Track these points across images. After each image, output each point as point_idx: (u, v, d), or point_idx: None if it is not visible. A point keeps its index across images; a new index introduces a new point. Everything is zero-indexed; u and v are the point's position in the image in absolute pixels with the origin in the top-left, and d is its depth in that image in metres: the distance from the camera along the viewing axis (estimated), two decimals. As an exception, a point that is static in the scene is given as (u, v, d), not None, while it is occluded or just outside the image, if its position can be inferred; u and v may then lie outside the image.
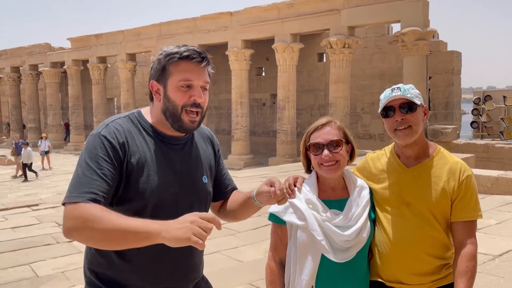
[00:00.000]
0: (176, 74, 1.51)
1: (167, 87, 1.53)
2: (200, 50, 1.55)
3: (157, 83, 1.56)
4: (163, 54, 1.54)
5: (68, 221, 1.34)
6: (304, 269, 1.71)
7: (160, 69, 1.54)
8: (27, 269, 4.52)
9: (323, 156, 1.72)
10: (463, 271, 1.67)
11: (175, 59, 1.51)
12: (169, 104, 1.53)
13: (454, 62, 16.32)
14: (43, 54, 25.62)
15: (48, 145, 18.10)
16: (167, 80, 1.53)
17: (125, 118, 1.58)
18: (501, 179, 7.52)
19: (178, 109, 1.52)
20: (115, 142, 1.47)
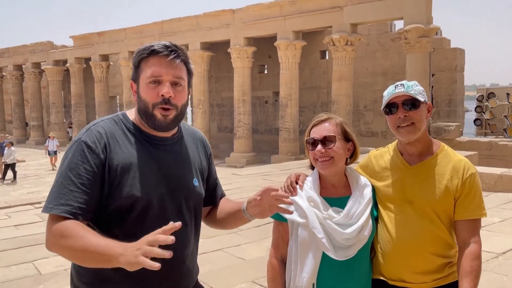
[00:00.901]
0: (145, 71, 1.48)
1: (139, 85, 1.51)
2: (171, 44, 1.50)
3: (133, 82, 1.53)
4: (135, 52, 1.52)
5: (47, 234, 1.38)
6: (305, 266, 1.70)
7: (134, 67, 1.52)
8: (30, 266, 4.53)
9: (316, 151, 1.72)
10: (467, 270, 1.65)
11: (144, 55, 1.48)
12: (141, 102, 1.50)
13: (457, 59, 16.25)
14: (46, 52, 25.66)
15: (57, 145, 17.60)
16: (139, 78, 1.51)
17: (109, 120, 1.55)
18: (505, 177, 7.49)
19: (149, 107, 1.48)
20: (95, 146, 1.44)
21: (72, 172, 1.40)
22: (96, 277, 1.49)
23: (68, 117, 27.40)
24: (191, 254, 1.65)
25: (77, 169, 1.40)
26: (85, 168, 1.40)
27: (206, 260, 4.52)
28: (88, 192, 1.40)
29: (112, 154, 1.45)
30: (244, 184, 8.85)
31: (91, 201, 1.41)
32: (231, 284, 3.93)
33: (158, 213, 1.48)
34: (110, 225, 1.46)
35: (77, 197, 1.37)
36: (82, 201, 1.38)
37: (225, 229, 1.81)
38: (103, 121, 1.53)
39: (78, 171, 1.40)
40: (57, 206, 1.36)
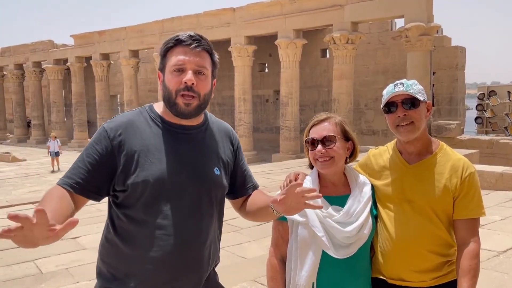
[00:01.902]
0: (170, 60, 1.55)
1: (164, 74, 1.57)
2: (195, 34, 1.57)
3: (160, 72, 1.60)
4: (163, 43, 1.60)
5: None
6: (305, 265, 1.70)
7: (161, 57, 1.59)
8: (31, 265, 4.54)
9: (316, 152, 1.72)
10: (466, 269, 1.65)
11: (170, 45, 1.56)
12: (166, 90, 1.56)
13: (458, 57, 16.22)
14: (46, 51, 25.66)
15: (59, 146, 17.12)
16: (165, 67, 1.57)
17: (135, 110, 1.64)
18: (506, 175, 7.49)
19: (172, 94, 1.54)
20: (111, 132, 1.53)
21: (85, 151, 1.53)
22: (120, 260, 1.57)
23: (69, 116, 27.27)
24: (210, 243, 1.64)
25: (89, 150, 1.53)
26: (96, 149, 1.52)
27: (207, 259, 4.52)
28: (92, 170, 1.50)
29: (129, 140, 1.53)
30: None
31: (94, 180, 1.50)
32: (232, 283, 3.93)
33: (175, 199, 1.53)
34: (128, 207, 1.54)
35: (81, 173, 1.49)
36: (83, 177, 1.49)
37: (257, 221, 1.87)
38: (128, 112, 1.64)
39: (90, 151, 1.52)
40: (63, 179, 1.50)
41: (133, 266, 1.54)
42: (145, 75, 24.65)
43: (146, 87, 24.65)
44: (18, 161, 18.25)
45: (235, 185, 1.77)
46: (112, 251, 1.58)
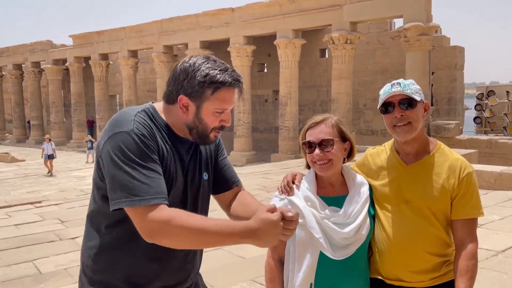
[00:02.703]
0: (214, 102, 1.51)
1: (201, 108, 1.52)
2: (237, 74, 1.55)
3: (188, 99, 1.51)
4: (206, 79, 1.49)
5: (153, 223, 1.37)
6: (302, 266, 1.70)
7: (199, 91, 1.50)
8: (30, 266, 4.54)
9: (314, 155, 1.72)
10: (463, 270, 1.65)
11: (218, 89, 1.50)
12: (200, 124, 1.54)
13: (457, 57, 16.25)
14: (45, 51, 25.65)
15: (53, 148, 16.30)
16: (203, 103, 1.52)
17: (143, 113, 1.54)
18: (504, 175, 7.49)
19: (208, 130, 1.56)
20: (150, 138, 1.47)
21: (146, 161, 1.42)
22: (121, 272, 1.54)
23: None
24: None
25: (146, 158, 1.42)
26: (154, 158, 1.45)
27: (206, 259, 4.49)
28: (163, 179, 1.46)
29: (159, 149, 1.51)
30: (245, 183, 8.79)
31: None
32: (231, 283, 3.94)
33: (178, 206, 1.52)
34: None
35: (163, 185, 1.43)
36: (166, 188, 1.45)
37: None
38: (139, 113, 1.53)
39: (151, 160, 1.43)
40: (154, 196, 1.38)
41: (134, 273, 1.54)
42: (144, 75, 24.65)
43: (145, 87, 24.65)
44: (17, 161, 18.26)
45: (219, 179, 1.77)
46: (110, 259, 1.54)
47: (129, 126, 1.45)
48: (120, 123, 1.47)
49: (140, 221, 1.39)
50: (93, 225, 1.58)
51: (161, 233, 1.37)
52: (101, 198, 1.52)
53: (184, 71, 1.51)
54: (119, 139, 1.43)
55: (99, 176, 1.50)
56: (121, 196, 1.38)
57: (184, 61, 1.55)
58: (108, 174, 1.42)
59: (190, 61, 1.53)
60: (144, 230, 1.39)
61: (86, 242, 1.61)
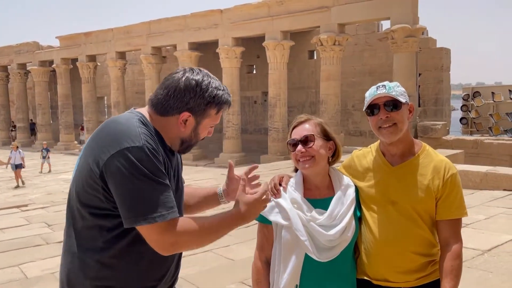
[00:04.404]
0: (214, 119, 1.60)
1: (200, 124, 1.58)
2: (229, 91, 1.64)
3: (190, 115, 1.53)
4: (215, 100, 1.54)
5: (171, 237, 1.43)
6: (288, 268, 1.71)
7: (205, 109, 1.55)
8: (16, 270, 4.48)
9: (296, 152, 1.75)
10: (448, 270, 1.68)
11: (222, 109, 1.59)
12: (195, 138, 1.61)
13: (443, 58, 16.45)
14: (32, 53, 25.34)
15: (22, 157, 14.60)
16: (204, 119, 1.57)
17: (139, 122, 1.50)
18: (490, 175, 7.59)
19: (197, 142, 1.65)
20: (158, 151, 1.47)
21: (159, 176, 1.43)
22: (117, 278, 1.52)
23: (55, 119, 26.88)
24: None
25: (160, 173, 1.44)
26: (164, 173, 1.47)
27: (195, 261, 4.51)
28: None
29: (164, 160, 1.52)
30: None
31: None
32: (220, 285, 3.93)
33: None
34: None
35: (173, 197, 1.47)
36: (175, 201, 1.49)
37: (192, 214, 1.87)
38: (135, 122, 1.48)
39: (162, 174, 1.45)
40: (171, 211, 1.42)
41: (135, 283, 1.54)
42: (132, 76, 24.49)
43: (133, 88, 24.49)
44: (2, 164, 17.96)
45: None
46: (111, 274, 1.50)
47: (140, 140, 1.41)
48: (127, 136, 1.42)
49: (158, 237, 1.42)
50: (85, 240, 1.50)
51: (179, 244, 1.46)
52: (90, 214, 1.47)
53: (191, 89, 1.51)
54: (132, 154, 1.38)
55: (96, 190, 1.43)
56: (137, 213, 1.38)
57: (187, 77, 1.51)
58: (120, 190, 1.39)
59: (196, 78, 1.51)
60: (162, 245, 1.43)
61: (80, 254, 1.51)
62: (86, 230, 1.49)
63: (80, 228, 1.50)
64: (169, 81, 1.53)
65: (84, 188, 1.45)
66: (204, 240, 1.52)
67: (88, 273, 1.49)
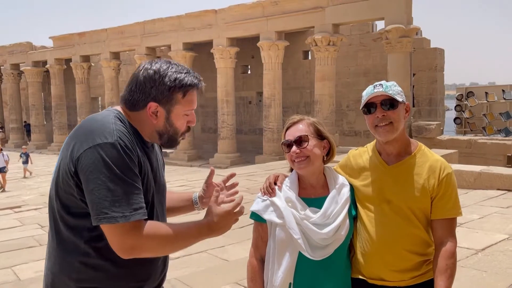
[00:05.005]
0: (185, 104, 1.53)
1: (171, 113, 1.53)
2: (197, 74, 1.57)
3: (158, 105, 1.51)
4: (176, 83, 1.49)
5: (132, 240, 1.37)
6: (281, 266, 1.72)
7: (169, 95, 1.50)
8: (9, 272, 4.44)
9: (291, 153, 1.76)
10: (442, 269, 1.68)
11: (188, 92, 1.52)
12: (171, 129, 1.55)
13: (437, 59, 16.53)
14: (25, 53, 25.17)
15: (6, 160, 14.02)
16: (173, 107, 1.52)
17: (115, 119, 1.49)
18: (484, 174, 7.63)
19: (179, 135, 1.58)
20: (132, 148, 1.45)
21: (128, 175, 1.39)
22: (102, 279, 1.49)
23: (49, 119, 26.77)
24: None
25: (131, 172, 1.40)
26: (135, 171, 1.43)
27: (190, 262, 4.49)
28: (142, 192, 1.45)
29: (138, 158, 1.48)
30: (228, 185, 8.80)
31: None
32: (214, 286, 3.92)
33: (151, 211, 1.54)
34: None
35: (142, 198, 1.42)
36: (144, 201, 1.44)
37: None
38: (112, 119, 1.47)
39: (133, 174, 1.41)
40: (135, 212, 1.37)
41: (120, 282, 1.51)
42: (126, 77, 24.36)
43: (127, 89, 24.38)
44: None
45: None
46: (95, 275, 1.48)
47: (113, 137, 1.39)
48: (101, 133, 1.40)
49: (119, 239, 1.37)
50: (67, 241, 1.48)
51: (140, 248, 1.39)
52: (69, 214, 1.46)
53: (150, 79, 1.49)
54: (103, 150, 1.37)
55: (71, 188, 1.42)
56: (100, 212, 1.35)
57: (146, 68, 1.52)
58: (88, 187, 1.36)
59: (154, 67, 1.51)
60: (122, 247, 1.38)
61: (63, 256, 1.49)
62: (67, 231, 1.47)
63: (62, 229, 1.49)
64: (132, 77, 1.55)
65: (62, 187, 1.45)
66: (168, 248, 1.47)
67: (72, 275, 1.47)
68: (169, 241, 1.44)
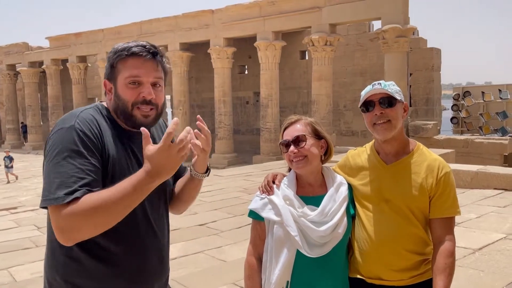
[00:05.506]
0: (124, 71, 1.49)
1: (116, 85, 1.51)
2: (149, 45, 1.51)
3: (108, 81, 1.53)
4: (112, 52, 1.51)
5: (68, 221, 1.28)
6: (279, 264, 1.73)
7: (109, 67, 1.52)
8: (5, 274, 4.41)
9: (289, 152, 1.76)
10: (441, 268, 1.68)
11: (122, 56, 1.48)
12: (119, 102, 1.50)
13: (434, 58, 16.56)
14: (21, 54, 25.09)
15: None
16: (117, 78, 1.51)
17: (92, 109, 1.53)
18: (480, 174, 7.65)
19: (128, 107, 1.49)
20: (91, 134, 1.42)
21: (76, 159, 1.33)
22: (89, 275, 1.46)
23: (45, 120, 26.74)
24: (167, 243, 1.69)
25: (80, 157, 1.34)
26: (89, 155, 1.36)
27: (187, 263, 4.48)
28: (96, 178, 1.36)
29: (105, 145, 1.44)
30: (226, 185, 8.81)
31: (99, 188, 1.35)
32: (212, 287, 3.90)
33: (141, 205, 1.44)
34: None
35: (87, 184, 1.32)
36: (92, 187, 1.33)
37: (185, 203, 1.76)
38: (87, 109, 1.50)
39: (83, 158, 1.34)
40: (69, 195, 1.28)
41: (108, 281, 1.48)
42: (123, 77, 24.30)
43: (124, 89, 24.32)
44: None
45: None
46: (80, 269, 1.46)
47: (71, 122, 1.41)
48: (64, 121, 1.44)
49: (54, 222, 1.31)
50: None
51: (71, 228, 1.29)
52: None
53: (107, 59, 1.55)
54: (57, 134, 1.39)
55: None
56: (42, 195, 1.33)
57: None
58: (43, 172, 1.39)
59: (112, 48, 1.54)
60: (56, 231, 1.31)
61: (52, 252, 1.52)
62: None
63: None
64: None
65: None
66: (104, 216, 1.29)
67: (59, 269, 1.49)
68: (101, 208, 1.27)
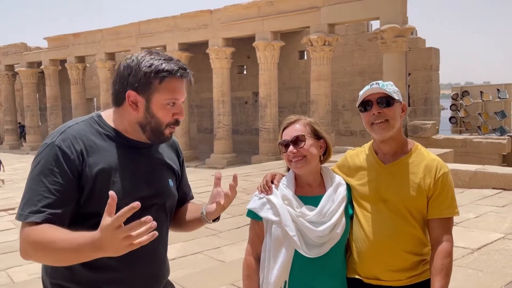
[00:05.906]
0: (163, 92, 1.45)
1: (150, 102, 1.47)
2: (184, 64, 1.50)
3: (136, 94, 1.46)
4: (151, 68, 1.44)
5: (23, 243, 1.34)
6: (277, 263, 1.72)
7: (146, 82, 1.45)
8: (3, 275, 4.41)
9: (288, 152, 1.76)
10: (439, 268, 1.68)
11: (165, 78, 1.44)
12: (152, 120, 1.48)
13: (432, 58, 16.57)
14: (19, 54, 25.05)
15: None
16: (152, 96, 1.46)
17: (84, 123, 1.50)
18: (479, 173, 7.65)
19: (162, 126, 1.50)
20: (71, 152, 1.40)
21: (47, 178, 1.36)
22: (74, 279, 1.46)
23: (44, 121, 26.70)
24: (166, 254, 1.70)
25: (51, 176, 1.36)
26: (60, 175, 1.37)
27: (186, 263, 4.47)
28: (63, 198, 1.37)
29: (89, 160, 1.42)
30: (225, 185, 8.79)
31: (67, 208, 1.38)
32: (210, 287, 3.90)
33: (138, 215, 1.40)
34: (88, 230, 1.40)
35: (52, 204, 1.34)
36: (57, 207, 1.35)
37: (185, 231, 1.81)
38: (77, 124, 1.49)
39: (53, 177, 1.36)
40: (33, 214, 1.33)
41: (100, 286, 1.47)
42: (122, 77, 24.27)
43: (123, 90, 24.29)
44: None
45: (179, 195, 1.73)
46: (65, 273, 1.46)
47: (54, 138, 1.43)
48: (52, 135, 1.45)
49: (20, 237, 1.36)
50: None
51: (26, 252, 1.33)
52: None
53: (127, 67, 1.47)
54: (42, 150, 1.43)
55: None
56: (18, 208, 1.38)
57: (126, 58, 1.51)
58: None
59: (133, 57, 1.49)
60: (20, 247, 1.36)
61: None
62: None
63: None
64: (117, 69, 1.54)
65: None
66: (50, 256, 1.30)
67: (48, 270, 1.51)
68: (48, 249, 1.28)
